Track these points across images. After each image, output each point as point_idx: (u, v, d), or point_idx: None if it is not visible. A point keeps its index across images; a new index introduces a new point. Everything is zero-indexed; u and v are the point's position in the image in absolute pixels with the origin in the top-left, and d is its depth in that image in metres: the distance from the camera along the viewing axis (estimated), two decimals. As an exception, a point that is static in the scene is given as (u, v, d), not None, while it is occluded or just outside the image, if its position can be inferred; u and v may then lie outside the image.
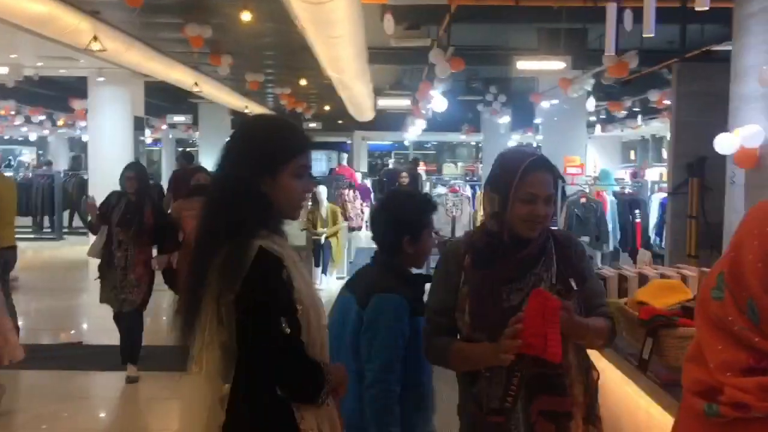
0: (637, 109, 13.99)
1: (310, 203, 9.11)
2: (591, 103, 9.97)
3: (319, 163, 25.74)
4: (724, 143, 5.03)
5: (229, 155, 1.82)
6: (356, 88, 12.56)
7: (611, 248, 9.56)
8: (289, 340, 1.67)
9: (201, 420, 1.74)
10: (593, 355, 2.01)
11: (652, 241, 9.08)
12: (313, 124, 22.11)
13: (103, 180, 12.79)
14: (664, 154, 19.16)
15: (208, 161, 18.84)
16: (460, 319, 2.01)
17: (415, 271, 2.44)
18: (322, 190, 9.78)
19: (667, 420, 2.20)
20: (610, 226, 9.17)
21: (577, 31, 8.96)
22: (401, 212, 2.40)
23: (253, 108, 18.88)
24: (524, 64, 8.65)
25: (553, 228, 2.15)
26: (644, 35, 4.13)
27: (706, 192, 6.40)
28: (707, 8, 4.32)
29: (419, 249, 2.37)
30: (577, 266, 2.03)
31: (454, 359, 2.02)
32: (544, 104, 11.06)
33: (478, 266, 2.01)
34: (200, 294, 1.73)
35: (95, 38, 8.12)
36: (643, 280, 2.26)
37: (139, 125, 13.49)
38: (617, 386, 2.31)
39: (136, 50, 10.11)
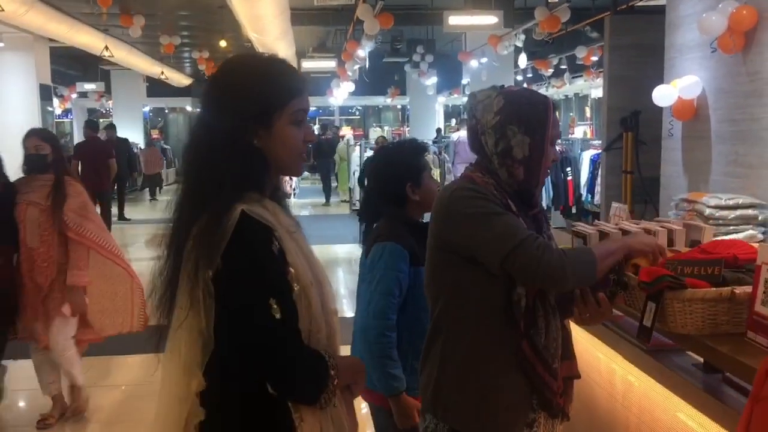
0: (563, 67, 14.02)
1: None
2: (523, 60, 9.86)
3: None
4: (663, 95, 4.94)
5: (209, 105, 1.49)
6: (279, 51, 12.07)
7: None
8: (279, 327, 1.36)
9: (175, 416, 1.41)
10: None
11: (583, 198, 9.12)
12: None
13: (7, 154, 11.94)
14: (587, 112, 19.46)
15: (124, 131, 18.00)
16: None
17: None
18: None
19: (650, 385, 2.04)
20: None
21: (505, -13, 8.79)
22: (397, 162, 2.41)
23: (170, 74, 18.01)
24: (456, 20, 8.42)
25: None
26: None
27: (640, 146, 6.37)
28: None
29: (424, 193, 2.36)
30: None
31: (604, 263, 1.66)
32: (473, 63, 10.89)
33: (522, 210, 1.76)
34: (178, 269, 1.42)
35: (-11, -3, 7.38)
36: (626, 235, 2.06)
37: (45, 94, 12.59)
38: (584, 350, 2.18)
39: (36, 11, 9.32)
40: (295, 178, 15.48)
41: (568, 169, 9.30)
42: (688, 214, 4.06)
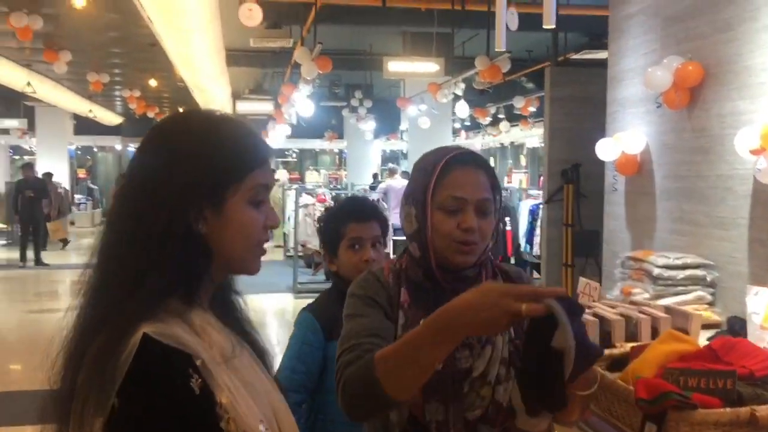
0: (501, 116, 14.14)
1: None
2: (464, 109, 9.82)
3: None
4: (605, 149, 4.85)
5: (140, 174, 1.09)
6: (213, 91, 11.73)
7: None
8: None
9: None
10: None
11: (522, 248, 9.02)
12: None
13: None
14: (523, 160, 19.74)
15: (49, 170, 17.16)
16: None
17: None
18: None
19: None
20: (481, 235, 9.02)
21: (445, 36, 8.75)
22: (324, 227, 2.16)
23: (99, 113, 17.37)
24: (396, 66, 8.30)
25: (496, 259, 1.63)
26: (544, 26, 3.80)
27: (581, 199, 6.30)
28: (553, 27, 4.27)
29: (339, 264, 2.06)
30: None
31: (391, 364, 1.20)
32: (411, 110, 10.80)
33: (422, 306, 1.42)
34: (68, 409, 1.01)
35: None
36: (604, 325, 1.79)
37: (-41, 130, 11.87)
38: None
39: (-50, 42, 8.75)
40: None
41: (507, 219, 9.22)
42: (634, 272, 3.91)
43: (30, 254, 12.02)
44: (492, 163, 22.96)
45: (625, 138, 4.66)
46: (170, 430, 0.96)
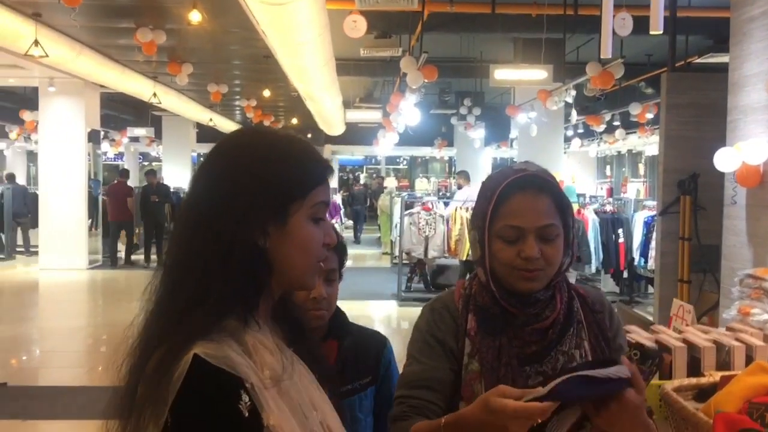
0: (616, 123, 13.61)
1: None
2: (573, 116, 9.53)
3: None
4: (725, 159, 4.55)
5: (205, 190, 1.10)
6: (325, 101, 12.02)
7: (593, 269, 9.10)
8: None
9: None
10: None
11: (636, 262, 8.63)
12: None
13: (55, 194, 12.17)
14: (641, 169, 18.91)
15: (174, 176, 18.20)
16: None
17: None
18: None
19: None
20: (591, 246, 8.70)
21: (556, 42, 8.53)
22: None
23: (219, 121, 18.24)
24: (502, 74, 8.17)
25: (576, 283, 1.55)
26: (651, 32, 3.63)
27: (699, 211, 5.94)
28: (660, 32, 4.05)
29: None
30: (613, 341, 1.42)
31: None
32: (521, 118, 10.60)
33: (490, 332, 1.38)
34: (129, 415, 1.05)
35: (36, 43, 7.45)
36: (693, 350, 1.66)
37: (94, 138, 12.78)
38: None
39: (86, 57, 9.45)
40: (337, 229, 15.31)
41: (620, 230, 8.85)
42: (754, 291, 3.64)
43: (154, 256, 12.76)
44: (608, 171, 22.11)
45: (747, 147, 4.38)
46: None
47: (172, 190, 14.18)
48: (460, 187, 11.50)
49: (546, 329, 1.38)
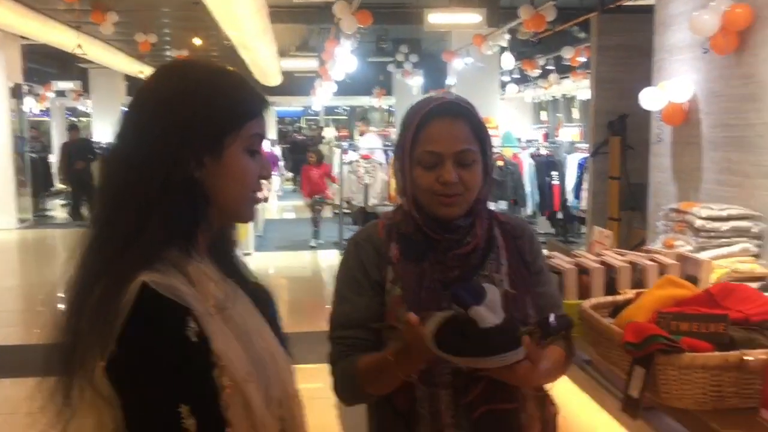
0: (550, 68, 13.76)
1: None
2: (509, 60, 9.59)
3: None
4: (651, 99, 4.68)
5: (137, 123, 1.09)
6: (259, 49, 11.74)
7: (530, 212, 9.31)
8: None
9: None
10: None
11: (570, 203, 8.87)
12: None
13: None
14: (575, 113, 19.25)
15: (105, 131, 17.60)
16: (393, 335, 1.37)
17: None
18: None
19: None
20: (528, 189, 8.90)
21: (489, -15, 8.52)
22: None
23: (149, 73, 17.63)
24: (437, 18, 8.13)
25: (495, 209, 1.60)
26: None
27: (628, 151, 6.12)
28: None
29: None
30: (532, 265, 1.49)
31: (368, 376, 1.38)
32: (457, 64, 10.60)
33: (412, 259, 1.43)
34: (72, 357, 1.04)
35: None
36: (610, 272, 1.75)
37: (17, 93, 12.22)
38: (588, 426, 1.85)
39: (3, 7, 8.97)
40: (276, 181, 15.20)
41: (554, 173, 9.06)
42: (677, 225, 3.81)
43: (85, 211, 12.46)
44: (544, 116, 22.37)
45: (671, 86, 4.50)
46: (167, 377, 0.99)
47: (103, 145, 13.74)
48: (362, 134, 11.54)
49: (467, 254, 1.43)
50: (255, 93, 1.16)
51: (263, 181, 1.19)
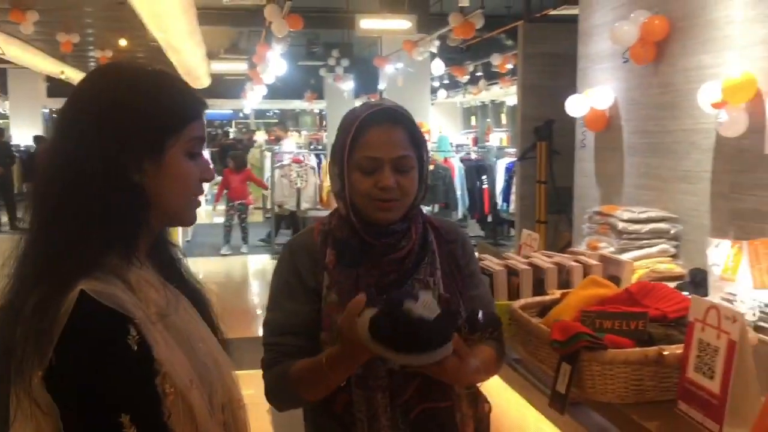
0: (479, 74, 14.04)
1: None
2: (439, 66, 9.74)
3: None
4: (575, 105, 4.84)
5: (76, 128, 1.06)
6: (187, 51, 11.52)
7: (460, 215, 9.47)
8: None
9: None
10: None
11: (499, 207, 9.07)
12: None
13: None
14: (503, 119, 19.68)
15: (23, 133, 16.91)
16: (329, 341, 1.40)
17: None
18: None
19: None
20: (458, 193, 9.05)
21: (420, -8, 8.63)
22: None
23: (72, 74, 17.06)
24: (368, 23, 8.19)
25: (428, 213, 1.63)
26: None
27: (554, 156, 6.30)
28: None
29: None
30: (465, 268, 1.53)
31: (303, 382, 1.39)
32: (388, 69, 10.69)
33: (347, 264, 1.45)
34: (7, 365, 1.01)
35: None
36: (538, 273, 1.82)
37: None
38: (518, 422, 1.90)
39: None
40: (205, 186, 14.86)
41: (484, 177, 9.24)
42: (600, 227, 3.95)
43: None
44: (473, 122, 22.80)
45: (594, 94, 4.66)
46: (107, 386, 0.98)
47: (22, 148, 13.21)
48: (278, 140, 11.45)
49: (402, 259, 1.46)
50: (194, 96, 1.15)
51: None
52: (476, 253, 1.64)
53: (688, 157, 3.75)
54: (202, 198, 1.20)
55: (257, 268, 9.04)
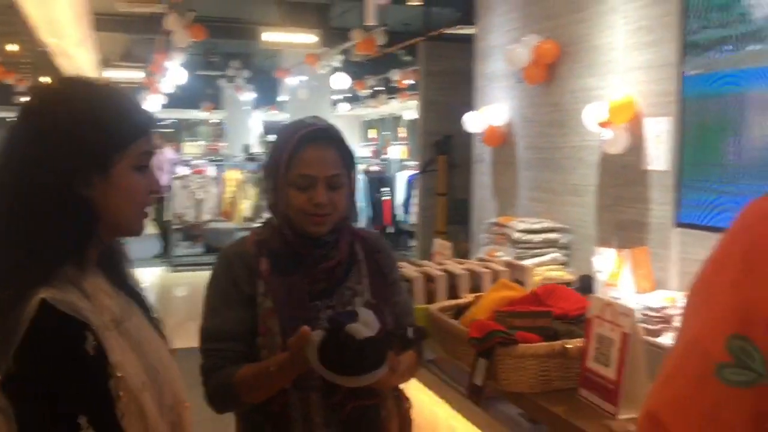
0: (380, 88, 14.30)
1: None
2: (342, 80, 9.86)
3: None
4: (472, 122, 5.09)
5: (22, 147, 1.10)
6: (79, 57, 11.09)
7: (363, 226, 9.63)
8: None
9: None
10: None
11: (399, 218, 9.29)
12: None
13: None
14: (402, 132, 20.07)
15: None
16: (265, 345, 1.49)
17: None
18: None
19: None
20: (362, 205, 9.20)
21: (321, 6, 8.74)
22: None
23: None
24: (270, 36, 8.20)
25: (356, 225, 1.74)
26: (408, 2, 3.92)
27: (453, 169, 6.56)
28: (421, 2, 4.34)
29: None
30: (389, 276, 1.65)
31: (246, 386, 1.47)
32: (291, 81, 10.73)
33: (281, 273, 1.53)
34: None
35: None
36: (451, 278, 1.97)
37: None
38: (434, 418, 2.03)
39: None
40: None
41: (385, 189, 9.44)
42: (498, 237, 4.18)
43: None
44: (373, 134, 23.12)
45: (490, 111, 4.91)
46: (67, 389, 1.03)
47: None
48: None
49: (332, 268, 1.56)
50: (141, 111, 1.21)
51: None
52: (396, 263, 1.77)
53: (576, 171, 4.04)
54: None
55: (150, 281, 8.83)
